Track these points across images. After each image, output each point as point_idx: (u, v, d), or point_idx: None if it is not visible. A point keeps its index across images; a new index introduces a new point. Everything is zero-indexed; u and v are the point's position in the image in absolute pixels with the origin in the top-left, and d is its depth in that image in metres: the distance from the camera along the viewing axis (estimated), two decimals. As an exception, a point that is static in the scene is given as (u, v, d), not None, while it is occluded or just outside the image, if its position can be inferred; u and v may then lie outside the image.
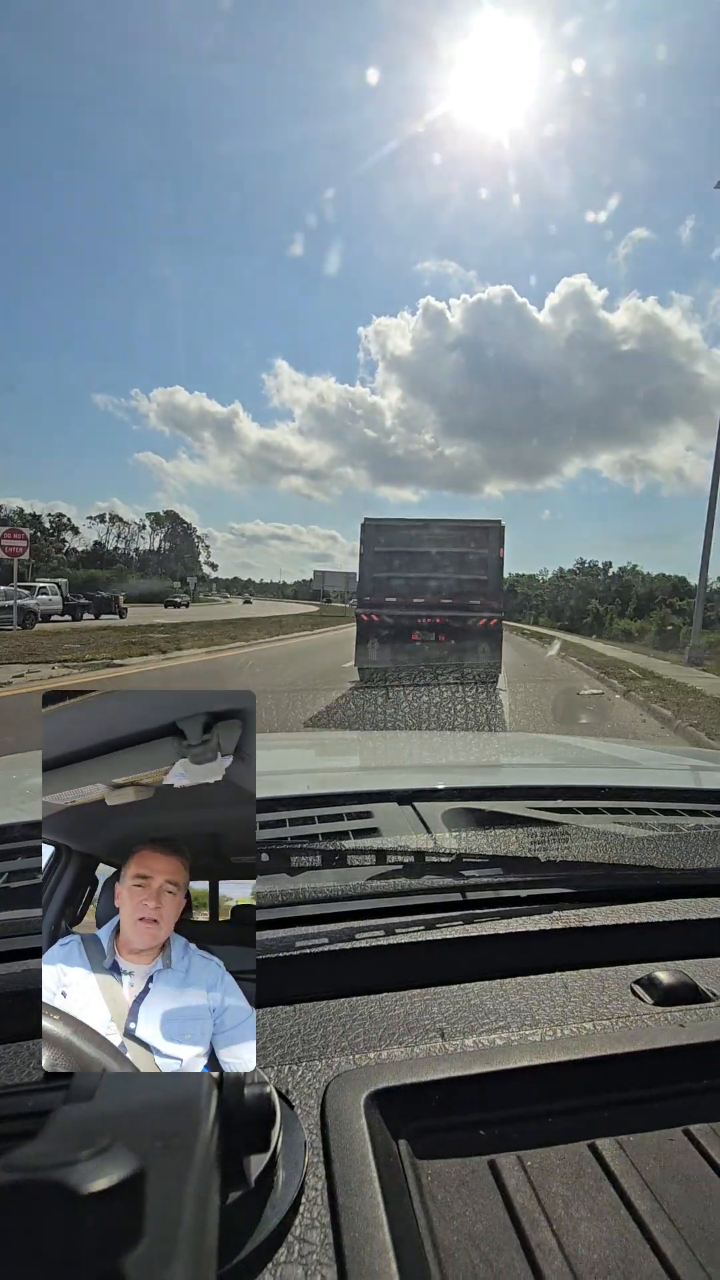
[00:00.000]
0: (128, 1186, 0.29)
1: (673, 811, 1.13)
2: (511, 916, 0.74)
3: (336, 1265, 0.38)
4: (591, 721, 8.12)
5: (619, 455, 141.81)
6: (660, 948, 0.73)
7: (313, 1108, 0.49)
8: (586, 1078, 0.54)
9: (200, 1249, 0.29)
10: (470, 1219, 0.43)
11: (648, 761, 1.80)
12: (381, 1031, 0.59)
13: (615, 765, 1.70)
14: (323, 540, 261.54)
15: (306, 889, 0.73)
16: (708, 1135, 0.50)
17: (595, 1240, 0.42)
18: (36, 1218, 0.27)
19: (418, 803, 1.05)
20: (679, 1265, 0.40)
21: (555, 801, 1.11)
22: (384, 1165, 0.44)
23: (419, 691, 8.75)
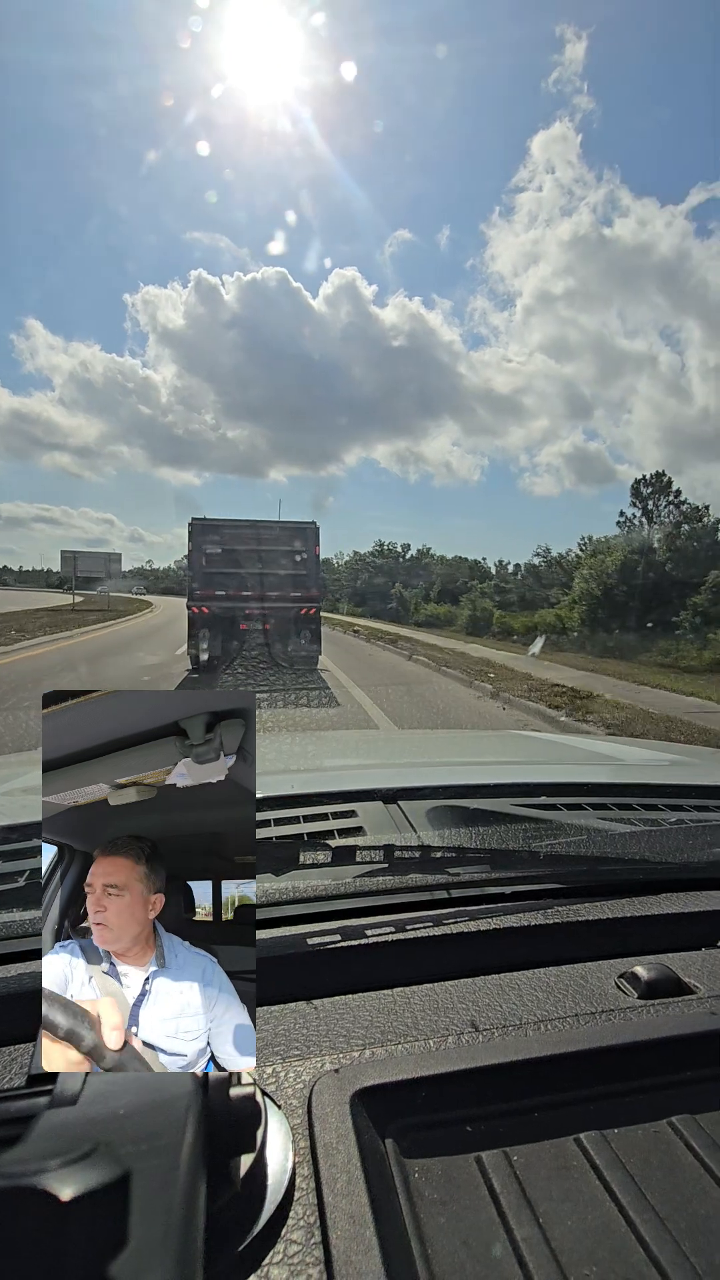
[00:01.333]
0: (112, 1191, 0.28)
1: (654, 807, 1.14)
2: (496, 914, 0.75)
3: (324, 1264, 0.38)
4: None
5: (395, 446, 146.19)
6: (644, 942, 0.74)
7: (298, 1107, 0.49)
8: (571, 1072, 0.54)
9: (186, 1251, 0.29)
10: (457, 1215, 0.43)
11: (629, 758, 1.82)
12: (367, 1030, 0.59)
13: (597, 762, 1.71)
14: (97, 524, 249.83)
15: (291, 888, 0.73)
16: (691, 1126, 0.51)
17: (581, 1233, 0.42)
18: (19, 1225, 0.27)
19: (402, 801, 1.05)
20: (663, 1255, 0.41)
21: (538, 798, 1.12)
22: (371, 1164, 0.44)
23: (251, 675, 10.12)
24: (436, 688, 10.06)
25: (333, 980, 0.65)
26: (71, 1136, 0.32)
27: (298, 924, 0.71)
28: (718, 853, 0.85)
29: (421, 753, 1.88)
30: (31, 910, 0.70)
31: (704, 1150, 0.48)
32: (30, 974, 0.60)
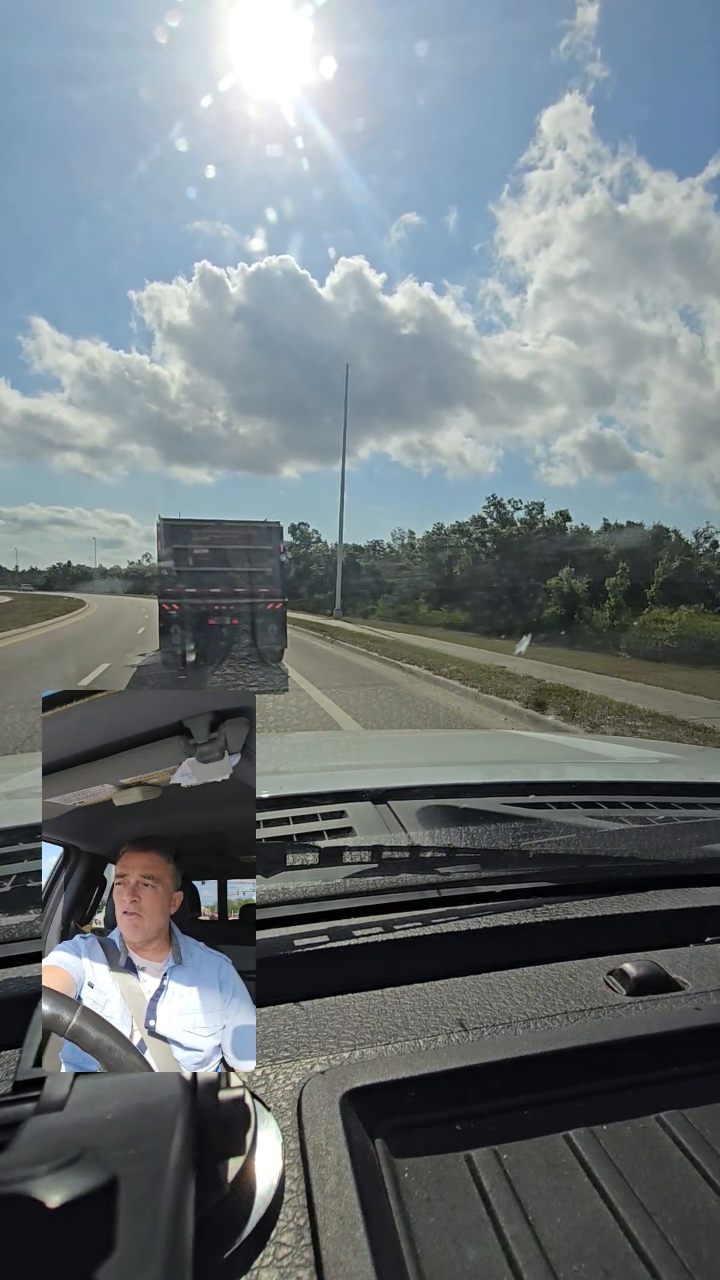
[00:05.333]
0: (100, 1196, 0.28)
1: (643, 804, 1.15)
2: (486, 912, 0.75)
3: (314, 1266, 0.38)
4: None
5: (408, 438, 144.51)
6: (633, 939, 0.75)
7: (288, 1109, 0.49)
8: (560, 1069, 0.55)
9: (175, 1255, 0.29)
10: (447, 1214, 0.43)
11: (617, 756, 1.84)
12: (356, 1031, 0.59)
13: (585, 760, 1.73)
14: (112, 525, 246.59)
15: (281, 889, 0.73)
16: (679, 1122, 0.51)
17: (571, 1230, 0.43)
18: (6, 1231, 0.26)
19: (392, 801, 1.05)
20: (651, 1250, 0.41)
21: (528, 797, 1.13)
22: (361, 1165, 0.44)
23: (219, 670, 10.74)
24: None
25: (322, 981, 0.65)
26: (59, 1142, 0.32)
27: (287, 925, 0.71)
28: (706, 850, 0.86)
29: (411, 753, 1.88)
30: (17, 915, 0.70)
31: (691, 1145, 0.49)
32: (14, 980, 0.60)
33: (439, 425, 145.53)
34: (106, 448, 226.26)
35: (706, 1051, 0.57)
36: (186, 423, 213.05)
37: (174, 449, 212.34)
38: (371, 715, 7.49)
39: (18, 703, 7.66)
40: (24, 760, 1.96)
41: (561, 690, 8.67)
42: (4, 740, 5.91)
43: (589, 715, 7.30)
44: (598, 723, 7.00)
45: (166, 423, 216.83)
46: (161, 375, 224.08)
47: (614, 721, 7.07)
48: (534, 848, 0.82)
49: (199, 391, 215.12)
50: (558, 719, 7.16)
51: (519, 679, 9.69)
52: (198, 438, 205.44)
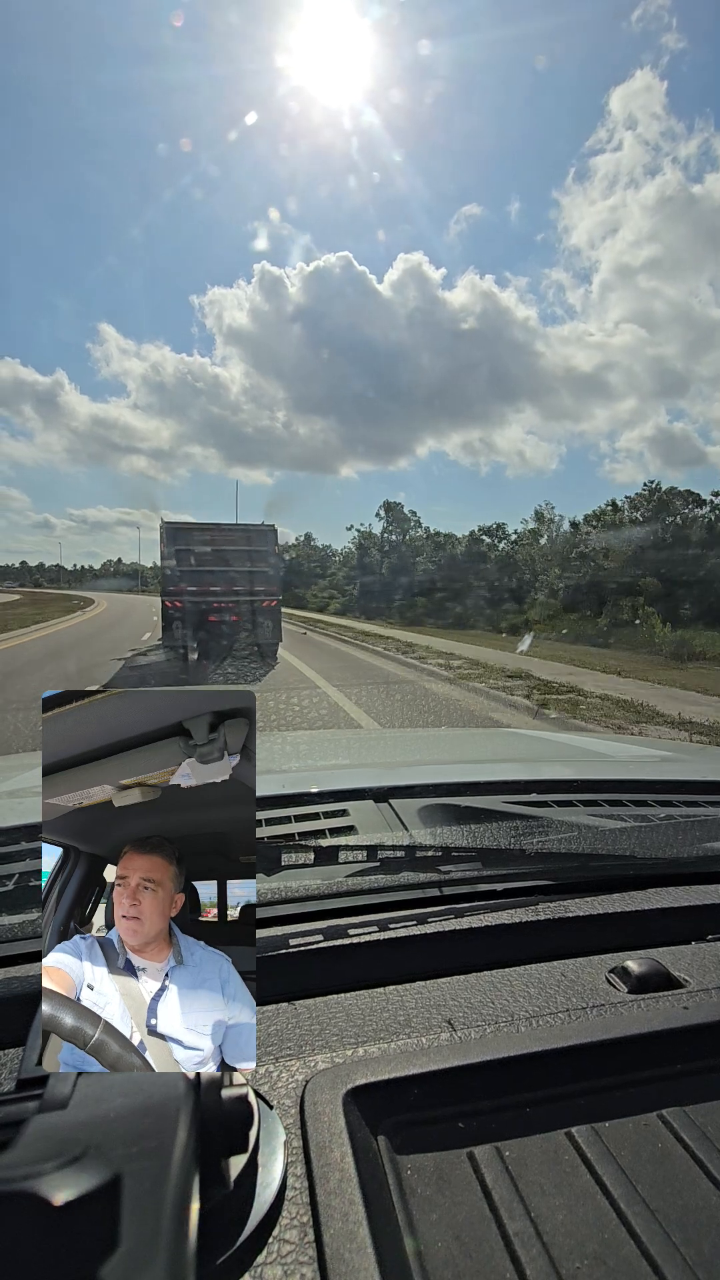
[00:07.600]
0: (103, 1194, 0.28)
1: (644, 803, 1.15)
2: (489, 910, 0.75)
3: (318, 1263, 0.38)
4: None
5: (467, 436, 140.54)
6: (635, 936, 0.75)
7: (291, 1107, 0.49)
8: (562, 1067, 0.55)
9: (179, 1254, 0.29)
10: (450, 1211, 0.44)
11: (618, 754, 1.84)
12: (359, 1028, 0.59)
13: (586, 759, 1.72)
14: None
15: (282, 888, 0.73)
16: (681, 1119, 0.51)
17: (573, 1227, 0.43)
18: (10, 1229, 0.26)
19: (393, 800, 1.05)
20: (654, 1246, 0.41)
21: (530, 795, 1.12)
22: (363, 1162, 0.44)
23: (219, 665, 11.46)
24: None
25: (324, 979, 0.66)
26: (62, 1140, 0.32)
27: (288, 924, 0.71)
28: (707, 847, 0.86)
29: (412, 751, 1.88)
30: (19, 915, 0.70)
31: (694, 1142, 0.49)
32: (17, 979, 0.60)
33: (500, 422, 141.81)
34: (170, 450, 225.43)
35: (708, 1049, 0.57)
36: (247, 424, 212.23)
37: (235, 450, 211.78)
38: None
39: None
40: (27, 759, 1.96)
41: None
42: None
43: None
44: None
45: (228, 425, 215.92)
46: (223, 377, 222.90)
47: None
48: (535, 846, 0.82)
49: (259, 393, 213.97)
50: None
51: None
52: (257, 439, 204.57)
